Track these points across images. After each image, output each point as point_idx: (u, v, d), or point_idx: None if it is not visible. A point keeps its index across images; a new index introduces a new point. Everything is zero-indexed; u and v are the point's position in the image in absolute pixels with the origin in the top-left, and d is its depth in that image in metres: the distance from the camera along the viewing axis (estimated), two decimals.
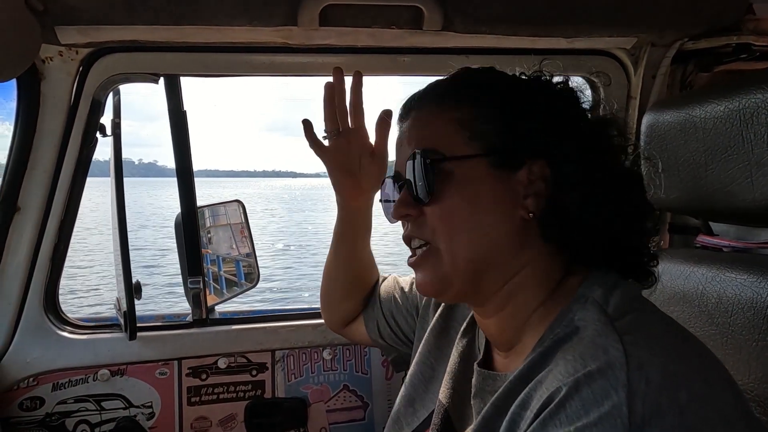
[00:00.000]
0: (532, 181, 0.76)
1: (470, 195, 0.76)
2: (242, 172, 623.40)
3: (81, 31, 1.23)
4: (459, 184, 0.76)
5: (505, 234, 0.76)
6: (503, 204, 0.76)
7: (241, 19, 1.23)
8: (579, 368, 0.60)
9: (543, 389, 0.63)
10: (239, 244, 1.90)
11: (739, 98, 0.93)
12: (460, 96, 0.81)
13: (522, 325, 0.77)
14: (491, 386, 0.78)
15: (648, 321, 0.69)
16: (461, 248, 0.76)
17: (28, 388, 1.43)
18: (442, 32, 1.29)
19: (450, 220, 0.76)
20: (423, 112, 0.83)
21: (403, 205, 0.80)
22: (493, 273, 0.77)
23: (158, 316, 1.70)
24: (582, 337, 0.66)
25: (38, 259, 1.43)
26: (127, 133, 1.60)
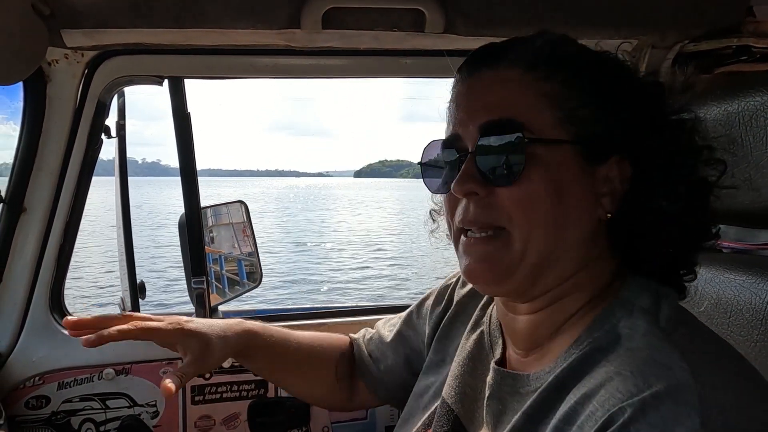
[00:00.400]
0: (612, 178, 0.69)
1: (557, 184, 0.67)
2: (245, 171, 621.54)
3: (86, 34, 1.25)
4: (546, 168, 0.67)
5: (581, 233, 0.69)
6: (586, 200, 0.69)
7: (245, 22, 1.24)
8: (642, 387, 0.54)
9: (595, 405, 0.57)
10: (242, 243, 1.92)
11: (739, 100, 0.94)
12: (556, 67, 0.70)
13: (558, 326, 0.72)
14: (511, 387, 0.73)
15: (703, 337, 0.65)
16: (537, 241, 0.68)
17: (33, 387, 1.45)
18: (444, 35, 1.30)
19: (532, 208, 0.67)
20: (505, 74, 0.70)
21: (472, 180, 0.69)
22: (556, 271, 0.70)
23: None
24: (632, 349, 0.60)
25: (44, 259, 1.44)
26: (130, 132, 1.62)
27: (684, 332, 0.62)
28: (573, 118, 0.68)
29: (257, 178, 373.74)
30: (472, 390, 0.81)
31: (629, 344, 0.61)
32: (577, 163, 0.68)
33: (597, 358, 0.62)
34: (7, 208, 1.39)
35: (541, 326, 0.73)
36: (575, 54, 0.72)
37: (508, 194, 0.68)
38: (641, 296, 0.67)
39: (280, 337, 1.12)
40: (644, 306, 0.65)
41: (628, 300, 0.67)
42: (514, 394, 0.72)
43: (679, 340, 0.60)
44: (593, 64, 0.72)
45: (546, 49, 0.71)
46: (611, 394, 0.56)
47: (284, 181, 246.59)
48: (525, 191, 0.67)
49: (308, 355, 1.14)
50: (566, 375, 0.64)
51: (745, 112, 0.92)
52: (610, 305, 0.67)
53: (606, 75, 0.71)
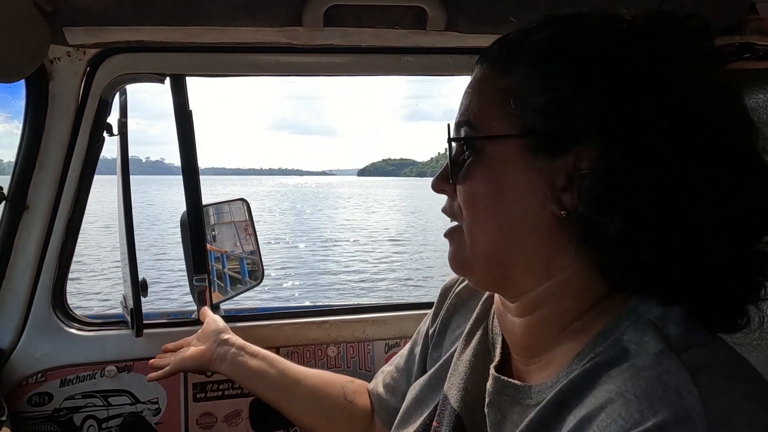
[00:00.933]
0: (576, 172, 0.61)
1: (496, 180, 0.66)
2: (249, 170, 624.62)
3: (88, 31, 1.25)
4: (486, 166, 0.67)
5: (530, 230, 0.65)
6: (532, 195, 0.64)
7: (246, 20, 1.24)
8: (647, 415, 0.50)
9: (594, 430, 0.53)
10: (243, 242, 1.92)
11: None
12: (511, 60, 0.67)
13: (554, 335, 0.68)
14: (511, 397, 0.70)
15: (718, 356, 0.57)
16: (481, 237, 0.69)
17: (36, 384, 1.45)
18: (446, 32, 1.30)
19: (472, 205, 0.69)
20: (478, 74, 0.72)
21: (439, 179, 0.74)
22: (520, 269, 0.67)
23: (163, 314, 1.72)
24: (637, 367, 0.55)
25: (46, 256, 1.45)
26: (134, 131, 1.62)
27: (697, 351, 0.56)
28: (523, 110, 0.64)
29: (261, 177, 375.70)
30: (476, 390, 0.79)
31: (635, 361, 0.56)
32: (524, 156, 0.64)
33: (600, 374, 0.58)
34: (10, 206, 1.40)
35: (535, 331, 0.70)
36: (543, 38, 0.65)
37: (459, 191, 0.70)
38: (650, 306, 0.60)
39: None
40: (652, 318, 0.59)
41: (635, 311, 0.61)
42: (514, 405, 0.69)
43: (689, 359, 0.54)
44: (563, 45, 0.63)
45: (512, 42, 0.69)
46: (613, 420, 0.51)
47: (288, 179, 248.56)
48: (467, 188, 0.69)
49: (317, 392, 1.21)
50: (567, 391, 0.60)
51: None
52: (616, 316, 0.62)
53: (579, 54, 0.61)
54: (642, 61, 0.59)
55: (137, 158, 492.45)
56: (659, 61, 0.59)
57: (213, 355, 1.28)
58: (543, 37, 0.65)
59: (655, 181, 0.57)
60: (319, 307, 1.66)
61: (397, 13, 1.25)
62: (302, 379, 1.22)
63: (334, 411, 1.17)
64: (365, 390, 1.20)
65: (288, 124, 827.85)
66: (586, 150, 0.60)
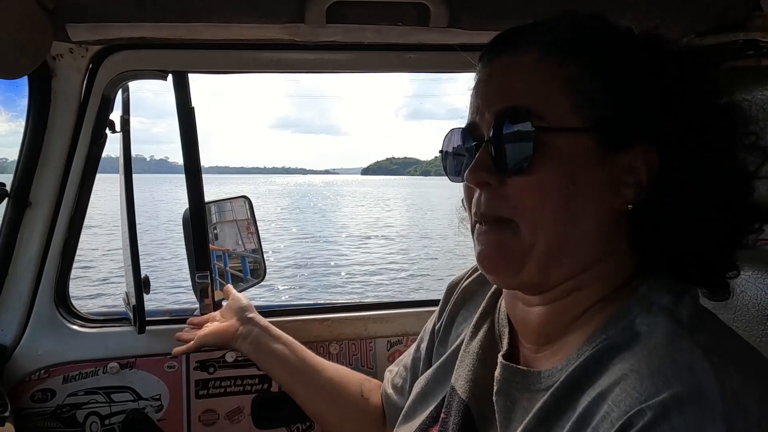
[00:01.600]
0: (636, 167, 0.65)
1: (570, 173, 0.64)
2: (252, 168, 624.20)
3: (91, 28, 1.25)
4: (559, 158, 0.64)
5: (595, 224, 0.66)
6: (601, 189, 0.65)
7: (249, 17, 1.24)
8: (661, 388, 0.51)
9: (610, 405, 0.54)
10: (246, 240, 1.92)
11: (745, 95, 0.93)
12: (573, 49, 0.66)
13: (572, 321, 0.68)
14: (520, 384, 0.71)
15: (727, 339, 0.61)
16: (546, 231, 0.65)
17: (39, 381, 1.46)
18: (449, 29, 1.29)
19: (541, 199, 0.65)
20: (522, 59, 0.68)
21: (483, 169, 0.67)
22: (568, 263, 0.67)
23: (165, 311, 1.72)
24: (650, 347, 0.57)
25: (49, 253, 1.45)
26: (138, 130, 1.63)
27: (708, 333, 0.58)
28: (591, 103, 0.64)
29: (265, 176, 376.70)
30: (484, 381, 0.78)
31: (647, 342, 0.58)
32: (594, 151, 0.65)
33: (612, 356, 0.59)
34: (13, 203, 1.40)
35: (553, 320, 0.70)
36: (598, 35, 0.68)
37: (518, 184, 0.66)
38: (661, 294, 0.63)
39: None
40: (664, 304, 0.62)
41: (647, 297, 0.64)
42: (524, 392, 0.69)
43: (701, 340, 0.56)
44: (619, 44, 0.67)
45: (565, 30, 0.68)
46: (628, 394, 0.53)
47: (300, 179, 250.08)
48: (534, 181, 0.65)
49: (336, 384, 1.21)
50: (579, 373, 0.61)
51: (751, 106, 0.91)
52: (628, 302, 0.64)
53: (633, 56, 0.66)
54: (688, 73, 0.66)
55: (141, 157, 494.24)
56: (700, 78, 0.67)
57: (237, 332, 1.27)
58: (601, 34, 0.68)
59: (700, 175, 0.63)
60: (321, 304, 1.66)
61: (400, 10, 1.24)
62: (321, 370, 1.22)
63: (349, 406, 1.18)
64: (379, 389, 1.19)
65: (291, 122, 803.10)
66: (647, 147, 0.64)
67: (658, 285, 0.65)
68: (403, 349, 1.66)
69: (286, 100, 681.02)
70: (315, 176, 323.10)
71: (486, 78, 0.72)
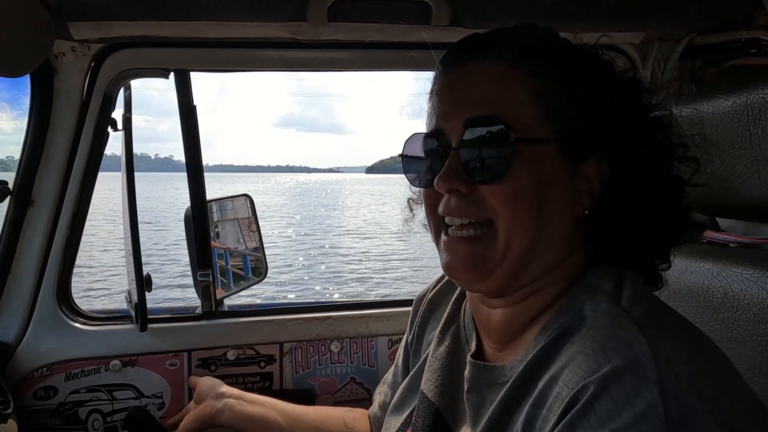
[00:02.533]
0: (591, 176, 0.70)
1: (539, 182, 0.67)
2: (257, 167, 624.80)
3: (93, 26, 1.25)
4: (530, 167, 0.67)
5: (561, 229, 0.70)
6: (566, 197, 0.69)
7: (251, 15, 1.24)
8: (603, 363, 0.56)
9: (560, 385, 0.59)
10: (247, 239, 1.92)
11: (747, 94, 0.93)
12: (544, 63, 0.69)
13: (532, 318, 0.72)
14: (488, 379, 0.74)
15: (661, 313, 0.67)
16: (520, 237, 0.68)
17: (42, 378, 1.46)
18: (451, 27, 1.29)
19: (516, 206, 0.67)
20: (492, 68, 0.70)
21: (454, 176, 0.69)
22: (537, 267, 0.70)
23: (167, 309, 1.72)
24: (594, 328, 0.62)
25: (51, 251, 1.45)
26: (143, 128, 1.65)
27: (644, 310, 0.63)
28: (558, 116, 0.68)
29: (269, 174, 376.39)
30: (452, 384, 0.82)
31: (591, 324, 0.63)
32: (560, 161, 0.69)
33: (564, 342, 0.64)
34: (15, 201, 1.40)
35: (515, 320, 0.74)
36: (562, 50, 0.73)
37: (492, 191, 0.68)
38: (605, 280, 0.68)
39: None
40: (607, 289, 0.67)
41: (591, 284, 0.69)
42: (491, 386, 0.73)
43: (638, 317, 0.61)
44: (579, 60, 0.72)
45: (534, 43, 0.71)
46: (574, 373, 0.58)
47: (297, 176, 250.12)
48: (509, 189, 0.67)
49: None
50: (536, 362, 0.65)
51: (753, 105, 0.92)
52: (575, 292, 0.69)
53: (591, 72, 0.71)
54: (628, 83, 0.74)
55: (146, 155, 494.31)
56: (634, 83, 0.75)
57: (213, 410, 1.25)
58: (569, 49, 0.73)
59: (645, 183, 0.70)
60: (322, 302, 1.66)
61: (402, 8, 1.24)
62: (302, 416, 1.22)
63: None
64: (365, 416, 1.21)
65: (295, 121, 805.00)
66: (603, 157, 0.70)
67: (602, 272, 0.70)
68: None
69: (290, 99, 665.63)
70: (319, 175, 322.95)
71: (452, 84, 0.73)
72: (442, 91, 0.74)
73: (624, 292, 0.67)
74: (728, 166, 0.96)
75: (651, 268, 0.76)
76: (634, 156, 0.70)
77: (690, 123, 1.04)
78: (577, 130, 0.69)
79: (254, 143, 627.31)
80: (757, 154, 0.92)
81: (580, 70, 0.71)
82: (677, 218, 0.73)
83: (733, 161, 0.95)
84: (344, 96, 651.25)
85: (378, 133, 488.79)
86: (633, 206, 0.70)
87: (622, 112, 0.70)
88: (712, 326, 0.99)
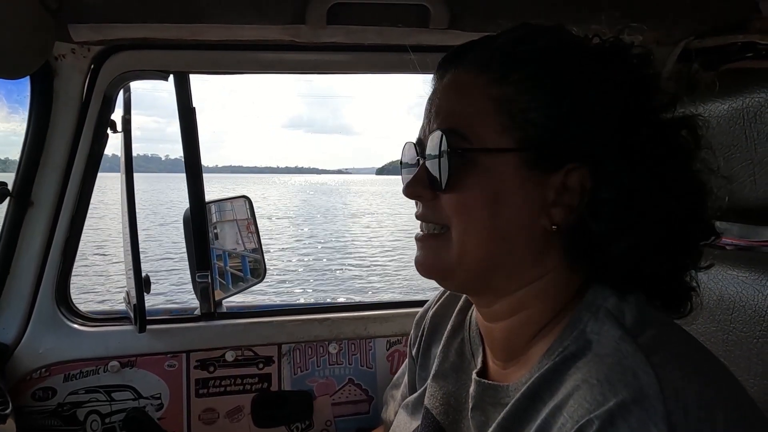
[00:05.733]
0: (567, 189, 0.65)
1: (492, 192, 0.65)
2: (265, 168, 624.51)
3: (93, 28, 1.25)
4: (482, 177, 0.66)
5: (522, 241, 0.67)
6: (527, 209, 0.66)
7: (250, 18, 1.24)
8: (609, 396, 0.54)
9: (565, 417, 0.57)
10: (246, 240, 1.92)
11: (743, 97, 0.93)
12: (509, 68, 0.66)
13: (531, 336, 0.71)
14: (492, 398, 0.72)
15: (669, 336, 0.63)
16: (473, 245, 0.68)
17: (40, 379, 1.46)
18: (449, 30, 1.30)
19: (464, 214, 0.67)
20: (461, 78, 0.70)
21: (418, 184, 0.72)
22: (505, 276, 0.69)
23: (166, 310, 1.73)
24: (600, 355, 0.59)
25: (50, 252, 1.46)
26: (153, 129, 1.65)
27: (651, 334, 0.60)
28: (522, 123, 0.65)
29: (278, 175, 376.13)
30: (456, 400, 0.80)
31: (597, 350, 0.61)
32: (521, 170, 0.65)
33: (568, 366, 0.62)
34: (14, 202, 1.41)
35: (513, 335, 0.73)
36: (538, 51, 0.67)
37: (446, 200, 0.69)
38: (606, 296, 0.65)
39: None
40: (609, 308, 0.64)
41: (593, 303, 0.65)
42: (496, 405, 0.71)
43: (646, 343, 0.59)
44: (559, 61, 0.66)
45: (504, 48, 0.68)
46: (579, 404, 0.56)
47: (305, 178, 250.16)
48: (459, 198, 0.67)
49: None
50: (539, 384, 0.63)
51: (749, 108, 0.92)
52: (577, 310, 0.66)
53: (571, 74, 0.65)
54: (626, 90, 0.65)
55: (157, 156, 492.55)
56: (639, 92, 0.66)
57: None
58: (540, 49, 0.67)
59: (629, 193, 0.63)
60: (321, 304, 1.67)
61: (400, 11, 1.25)
62: None
63: None
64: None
65: (304, 122, 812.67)
66: (577, 167, 0.64)
67: (602, 288, 0.66)
68: (402, 348, 1.66)
69: (299, 100, 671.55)
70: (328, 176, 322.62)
71: (432, 95, 0.74)
72: (428, 101, 0.75)
73: (627, 311, 0.63)
74: (724, 169, 0.97)
75: (664, 292, 0.69)
76: (628, 165, 0.63)
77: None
78: (544, 138, 0.64)
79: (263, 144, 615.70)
80: (753, 158, 0.92)
81: (559, 72, 0.65)
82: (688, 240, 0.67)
83: (729, 164, 0.96)
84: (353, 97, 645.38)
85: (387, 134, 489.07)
86: (620, 222, 0.63)
87: (613, 114, 0.64)
88: (707, 328, 0.99)
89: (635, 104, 0.65)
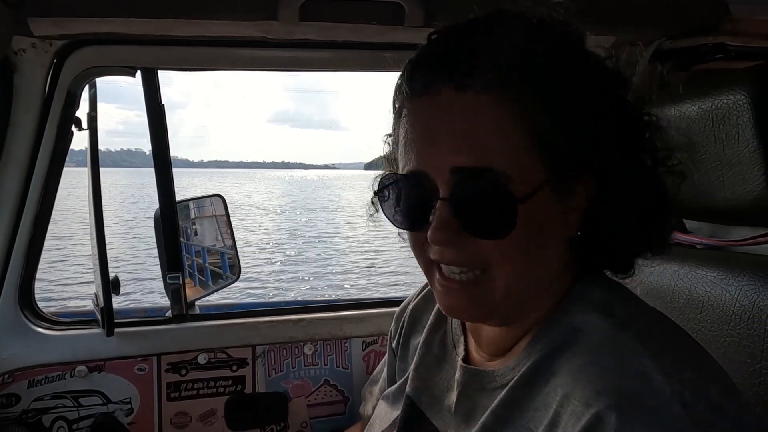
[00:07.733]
0: (579, 193, 0.66)
1: (537, 228, 0.63)
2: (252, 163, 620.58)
3: (55, 22, 1.21)
4: (526, 216, 0.61)
5: (556, 255, 0.68)
6: (559, 225, 0.66)
7: (220, 13, 1.21)
8: (615, 384, 0.56)
9: (575, 403, 0.57)
10: (224, 236, 1.89)
11: (712, 99, 0.94)
12: (525, 87, 0.60)
13: (523, 334, 0.72)
14: (479, 384, 0.73)
15: (659, 325, 0.66)
16: (519, 279, 0.65)
17: (3, 385, 1.41)
18: (424, 28, 1.28)
19: (512, 256, 0.63)
20: (475, 100, 0.61)
21: (449, 229, 0.62)
22: (533, 295, 0.69)
23: (138, 310, 1.69)
24: (595, 344, 0.61)
25: (12, 254, 1.41)
26: (136, 124, 1.62)
27: (641, 323, 0.63)
28: (546, 143, 0.61)
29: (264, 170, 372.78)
30: (440, 390, 0.82)
31: (590, 340, 0.62)
32: (553, 196, 0.63)
33: (560, 355, 0.63)
34: None
35: (507, 335, 0.73)
36: (548, 62, 0.62)
37: (492, 245, 0.63)
38: (592, 290, 0.68)
39: None
40: (596, 299, 0.67)
41: (580, 296, 0.68)
42: (482, 391, 0.72)
43: (638, 332, 0.61)
44: (563, 67, 0.62)
45: (512, 60, 0.61)
46: (582, 395, 0.57)
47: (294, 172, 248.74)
48: (511, 244, 0.62)
49: None
50: (532, 373, 0.65)
51: (718, 110, 0.93)
52: (564, 303, 0.69)
53: (577, 80, 0.63)
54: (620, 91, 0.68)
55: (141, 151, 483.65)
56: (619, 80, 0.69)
57: None
58: (549, 60, 0.62)
59: (627, 192, 0.66)
60: (295, 304, 1.64)
61: (374, 8, 1.23)
62: None
63: None
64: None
65: (290, 117, 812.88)
66: (590, 179, 0.65)
67: (588, 282, 0.70)
68: (378, 349, 1.65)
69: (285, 95, 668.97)
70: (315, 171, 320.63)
71: (427, 113, 0.64)
72: (417, 121, 0.65)
73: (614, 302, 0.66)
74: (694, 170, 0.98)
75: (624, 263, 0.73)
76: (624, 168, 0.65)
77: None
78: (565, 157, 0.62)
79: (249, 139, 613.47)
80: (722, 159, 0.93)
81: (565, 80, 0.62)
82: (662, 227, 0.71)
83: (699, 165, 0.97)
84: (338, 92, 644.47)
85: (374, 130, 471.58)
86: (620, 221, 0.67)
87: (611, 121, 0.64)
88: None
89: (627, 105, 0.67)
